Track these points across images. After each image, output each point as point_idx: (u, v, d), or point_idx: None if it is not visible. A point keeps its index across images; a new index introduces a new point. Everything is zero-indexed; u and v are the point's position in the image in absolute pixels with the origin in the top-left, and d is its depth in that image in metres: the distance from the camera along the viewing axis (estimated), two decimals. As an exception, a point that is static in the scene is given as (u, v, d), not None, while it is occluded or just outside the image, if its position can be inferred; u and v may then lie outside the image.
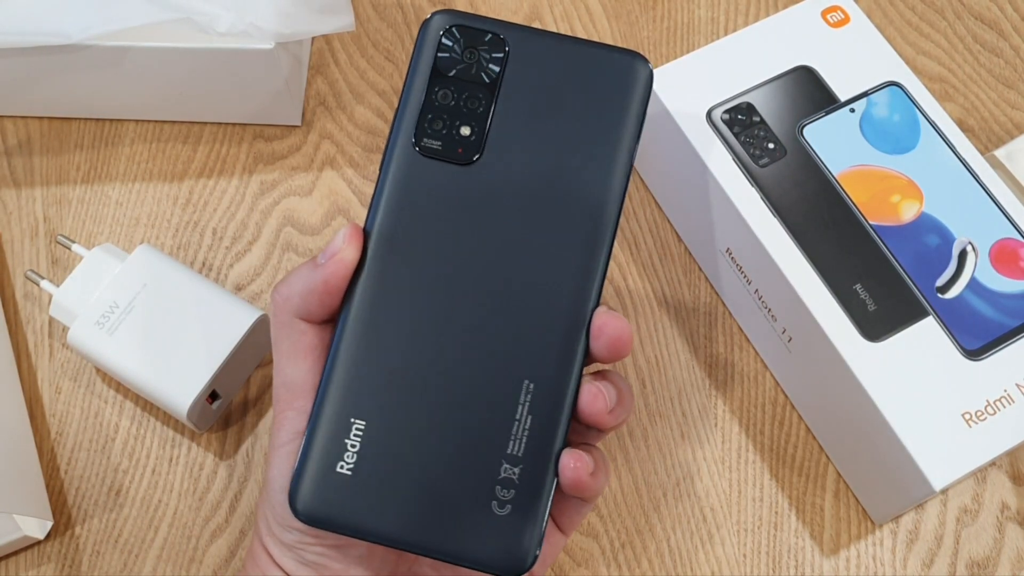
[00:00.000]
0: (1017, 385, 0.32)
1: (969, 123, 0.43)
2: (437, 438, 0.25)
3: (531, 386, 0.25)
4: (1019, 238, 0.34)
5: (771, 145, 0.36)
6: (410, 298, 0.25)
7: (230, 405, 0.38)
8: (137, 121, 0.44)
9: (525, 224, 0.26)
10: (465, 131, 0.26)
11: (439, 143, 0.26)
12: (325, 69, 0.45)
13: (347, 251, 0.25)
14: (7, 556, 0.35)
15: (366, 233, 0.26)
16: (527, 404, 0.25)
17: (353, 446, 0.25)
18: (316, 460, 0.25)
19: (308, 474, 0.25)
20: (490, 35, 0.26)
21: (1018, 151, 0.39)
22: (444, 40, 0.26)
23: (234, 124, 0.43)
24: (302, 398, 0.26)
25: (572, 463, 0.24)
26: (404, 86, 0.26)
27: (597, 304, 0.25)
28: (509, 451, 0.25)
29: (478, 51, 0.26)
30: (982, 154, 0.37)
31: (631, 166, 0.26)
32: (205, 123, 0.43)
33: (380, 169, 0.26)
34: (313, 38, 0.45)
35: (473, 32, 0.26)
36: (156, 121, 0.43)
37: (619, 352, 0.25)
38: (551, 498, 0.25)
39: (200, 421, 0.36)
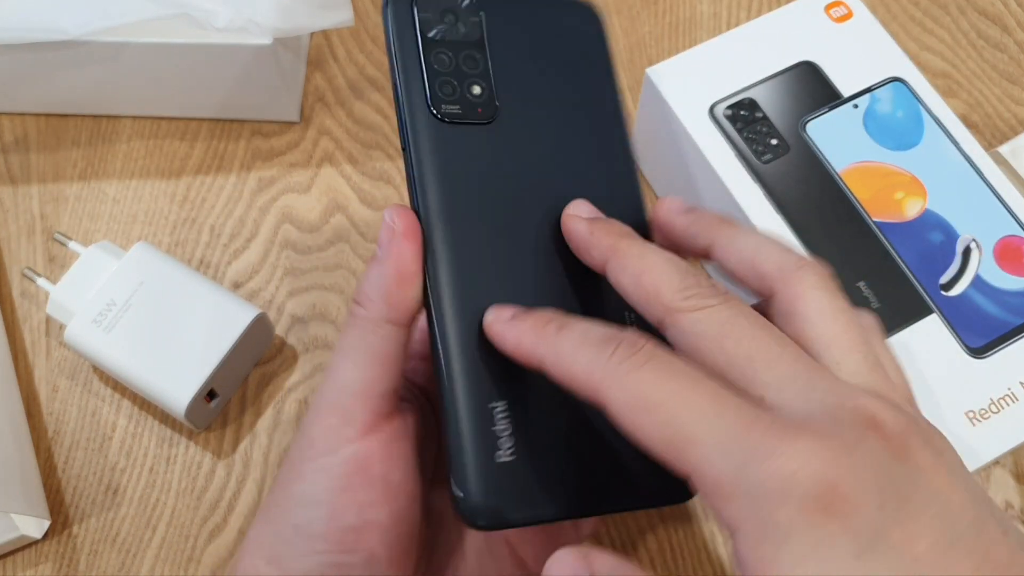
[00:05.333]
0: (1021, 383, 0.32)
1: (973, 119, 0.43)
2: (572, 398, 0.23)
3: (632, 316, 0.25)
4: (1023, 235, 0.34)
5: (774, 141, 0.35)
6: (494, 266, 0.24)
7: (228, 404, 0.38)
8: (134, 117, 0.43)
9: (564, 168, 0.26)
10: (476, 90, 0.26)
11: (458, 107, 0.25)
12: (324, 65, 0.45)
13: (403, 225, 0.24)
14: (4, 556, 0.35)
15: (418, 214, 0.24)
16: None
17: (504, 430, 0.23)
18: (474, 461, 0.23)
19: (474, 479, 0.22)
20: None
21: (1022, 147, 0.39)
22: (419, 8, 0.26)
23: (232, 120, 0.43)
24: (352, 405, 0.24)
25: None
26: (395, 63, 0.25)
27: (643, 199, 0.27)
28: None
29: (454, 11, 0.26)
30: (986, 151, 0.36)
31: (620, 98, 0.28)
32: (203, 119, 0.43)
33: (404, 148, 0.25)
34: (311, 34, 0.45)
35: None
36: (153, 117, 0.43)
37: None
38: None
39: (198, 420, 0.36)
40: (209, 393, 0.35)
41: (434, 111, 0.25)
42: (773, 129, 0.36)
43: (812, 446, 0.18)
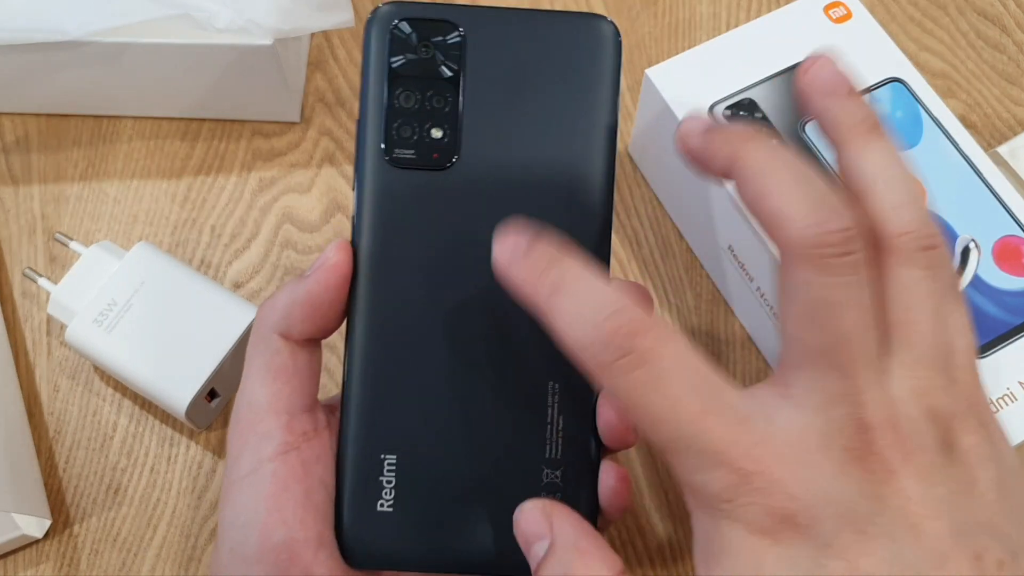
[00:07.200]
0: (1020, 383, 0.32)
1: (972, 119, 0.43)
2: (473, 455, 0.24)
3: (556, 386, 0.24)
4: (1022, 235, 0.34)
5: (773, 142, 0.36)
6: (416, 318, 0.24)
7: (229, 403, 0.38)
8: (135, 118, 0.43)
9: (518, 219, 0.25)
10: (436, 133, 0.24)
11: (412, 151, 0.24)
12: (324, 66, 0.45)
13: (333, 259, 0.24)
14: (5, 555, 0.35)
15: (355, 257, 0.24)
16: (556, 405, 0.24)
17: (389, 482, 0.24)
18: (355, 504, 0.24)
19: (351, 521, 0.24)
20: (442, 22, 0.24)
21: (1021, 148, 0.39)
22: (394, 36, 0.24)
23: (232, 121, 0.43)
24: (264, 424, 0.24)
25: (614, 481, 0.24)
26: (361, 94, 0.25)
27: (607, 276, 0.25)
28: (548, 455, 0.24)
29: (432, 43, 0.24)
30: (985, 151, 0.36)
31: (615, 135, 0.25)
32: (203, 120, 0.43)
33: (354, 188, 0.25)
34: (312, 34, 0.45)
35: (424, 22, 0.24)
36: (154, 118, 0.43)
37: None
38: (598, 491, 0.24)
39: (199, 419, 0.36)
40: (210, 393, 0.36)
41: (385, 154, 0.24)
42: (772, 130, 0.36)
43: (782, 476, 0.19)
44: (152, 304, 0.35)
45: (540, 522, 0.22)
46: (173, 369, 0.35)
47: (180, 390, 0.34)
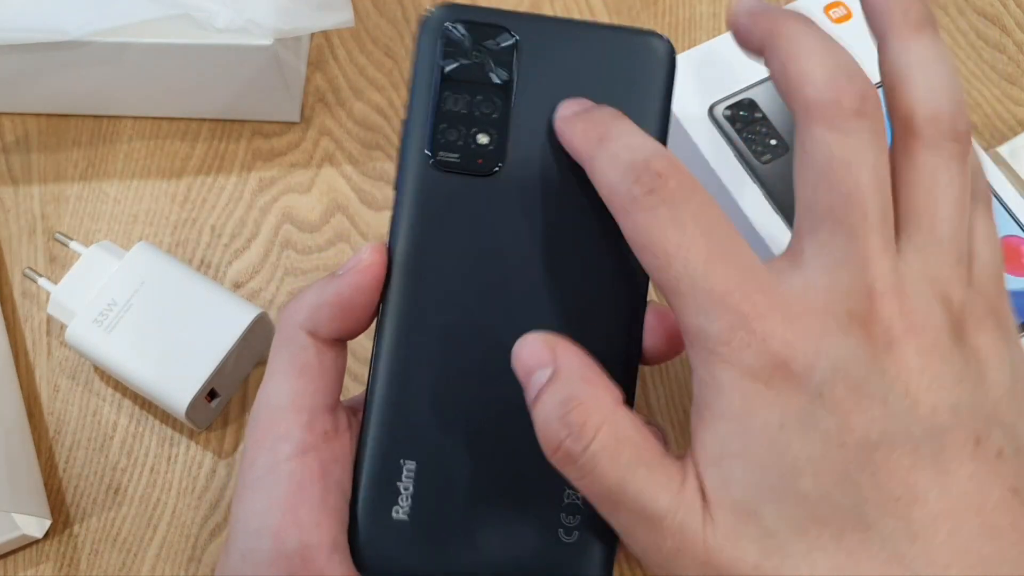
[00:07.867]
0: (1020, 383, 0.32)
1: (972, 119, 0.43)
2: (494, 472, 0.23)
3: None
4: (1022, 235, 0.34)
5: (773, 141, 0.36)
6: (448, 323, 0.24)
7: (229, 403, 0.38)
8: (135, 118, 0.43)
9: (559, 232, 0.24)
10: (483, 139, 0.24)
11: (456, 156, 0.24)
12: (324, 65, 0.45)
13: (367, 260, 0.23)
14: (5, 555, 0.35)
15: (390, 259, 0.24)
16: None
17: (406, 488, 0.23)
18: (370, 510, 0.23)
19: (364, 526, 0.23)
20: (497, 28, 0.24)
21: (1021, 148, 0.39)
22: (447, 39, 0.24)
23: (232, 121, 0.43)
24: (284, 423, 0.23)
25: None
26: (410, 94, 0.24)
27: (645, 304, 0.24)
28: None
29: (486, 47, 0.24)
30: (985, 151, 0.36)
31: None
32: (203, 120, 0.43)
33: (395, 188, 0.24)
34: (312, 34, 0.45)
35: (478, 27, 0.24)
36: (154, 118, 0.43)
37: (678, 346, 0.24)
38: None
39: (199, 419, 0.36)
40: (210, 393, 0.36)
41: (430, 156, 0.24)
42: (772, 129, 0.36)
43: (781, 325, 0.19)
44: (152, 304, 0.35)
45: (543, 350, 0.21)
46: (173, 369, 0.35)
47: (180, 390, 0.34)
